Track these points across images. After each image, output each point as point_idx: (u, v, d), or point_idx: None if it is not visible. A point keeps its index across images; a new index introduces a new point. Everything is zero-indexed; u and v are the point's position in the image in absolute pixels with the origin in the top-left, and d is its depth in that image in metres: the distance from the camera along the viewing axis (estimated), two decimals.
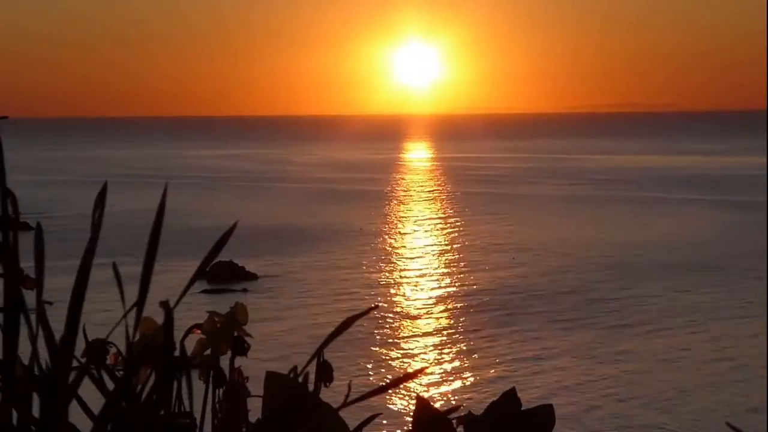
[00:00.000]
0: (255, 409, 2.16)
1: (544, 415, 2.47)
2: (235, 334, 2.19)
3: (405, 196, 72.12)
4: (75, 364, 1.79)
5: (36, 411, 1.75)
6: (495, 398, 2.49)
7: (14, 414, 1.75)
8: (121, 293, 1.82)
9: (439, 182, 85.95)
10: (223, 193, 72.50)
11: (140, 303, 1.78)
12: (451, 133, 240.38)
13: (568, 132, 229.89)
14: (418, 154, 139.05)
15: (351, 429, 2.10)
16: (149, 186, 69.14)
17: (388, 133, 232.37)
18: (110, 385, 1.88)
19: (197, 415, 2.06)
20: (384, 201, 66.81)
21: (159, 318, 1.89)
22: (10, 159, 1.81)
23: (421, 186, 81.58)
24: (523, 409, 2.47)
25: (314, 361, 2.16)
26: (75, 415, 1.82)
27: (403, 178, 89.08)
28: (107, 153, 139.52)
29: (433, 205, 65.54)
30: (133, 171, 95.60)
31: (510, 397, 2.48)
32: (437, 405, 2.58)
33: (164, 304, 1.73)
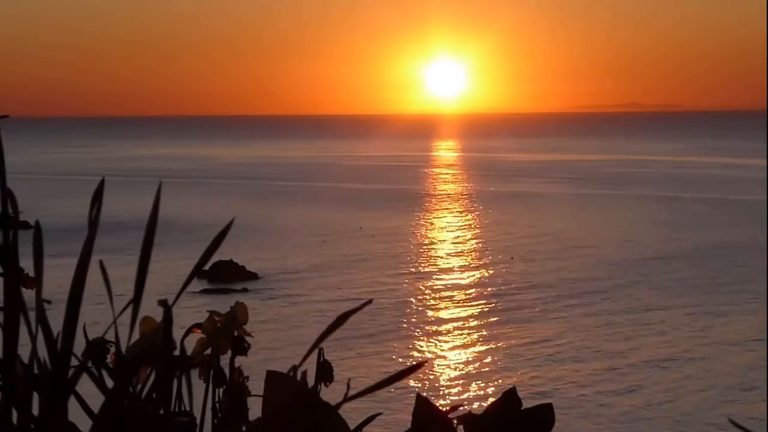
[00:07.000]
0: (255, 409, 2.16)
1: (544, 414, 2.47)
2: (236, 333, 2.19)
3: (404, 195, 72.03)
4: (74, 362, 1.78)
5: (36, 410, 1.75)
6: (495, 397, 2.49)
7: (14, 413, 1.75)
8: (109, 292, 1.81)
9: (441, 182, 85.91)
10: (225, 193, 72.49)
11: (136, 301, 1.77)
12: (459, 131, 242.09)
13: (567, 131, 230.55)
14: (424, 153, 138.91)
15: (351, 428, 2.10)
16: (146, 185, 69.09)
17: (408, 132, 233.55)
18: (110, 383, 1.87)
19: (197, 415, 2.06)
20: (384, 200, 66.76)
21: (157, 315, 1.89)
22: (9, 158, 1.81)
23: (430, 185, 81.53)
24: (523, 408, 2.47)
25: (313, 359, 2.16)
26: (75, 414, 1.82)
27: (404, 177, 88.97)
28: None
29: (434, 205, 65.52)
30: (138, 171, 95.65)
31: (510, 396, 2.48)
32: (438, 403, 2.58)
33: (163, 303, 1.72)
